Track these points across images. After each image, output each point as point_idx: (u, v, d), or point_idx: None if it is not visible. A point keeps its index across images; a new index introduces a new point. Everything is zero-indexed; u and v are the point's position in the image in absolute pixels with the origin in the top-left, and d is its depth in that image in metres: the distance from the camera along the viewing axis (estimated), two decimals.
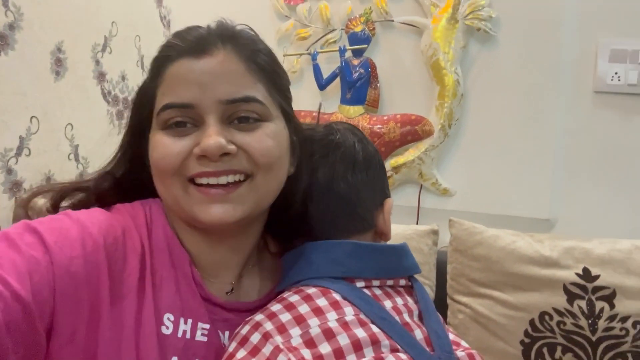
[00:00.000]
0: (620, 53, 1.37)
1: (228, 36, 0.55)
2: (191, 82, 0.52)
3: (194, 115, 0.53)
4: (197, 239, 0.58)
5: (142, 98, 0.58)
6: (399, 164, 1.43)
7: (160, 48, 0.57)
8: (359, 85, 1.48)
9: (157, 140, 0.54)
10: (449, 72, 1.40)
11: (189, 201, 0.53)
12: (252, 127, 0.54)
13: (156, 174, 0.55)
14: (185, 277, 0.56)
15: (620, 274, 1.11)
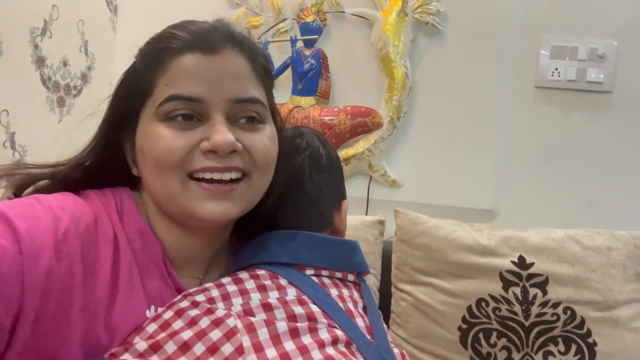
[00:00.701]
0: (561, 49, 1.42)
1: (233, 37, 0.56)
2: (201, 77, 0.53)
3: (199, 109, 0.53)
4: (174, 233, 0.58)
5: (134, 85, 0.56)
6: (349, 156, 1.44)
7: (161, 38, 0.56)
8: (311, 76, 1.48)
9: (157, 132, 0.53)
10: (398, 65, 1.42)
11: (187, 196, 0.53)
12: (255, 128, 0.56)
13: (154, 166, 0.54)
14: (158, 268, 0.56)
15: (552, 262, 1.16)
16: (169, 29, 0.57)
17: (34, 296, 0.46)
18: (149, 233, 0.57)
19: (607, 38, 1.40)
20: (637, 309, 1.13)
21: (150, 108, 0.55)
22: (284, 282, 0.56)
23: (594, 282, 1.14)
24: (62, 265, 0.48)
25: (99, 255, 0.52)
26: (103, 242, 0.53)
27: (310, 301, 0.54)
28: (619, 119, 1.39)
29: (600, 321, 1.11)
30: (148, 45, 0.57)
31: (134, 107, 0.56)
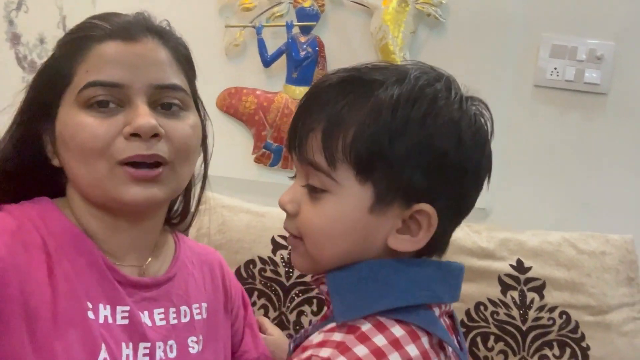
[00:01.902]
0: (561, 49, 1.41)
1: (153, 27, 0.58)
2: (122, 63, 0.54)
3: (120, 95, 0.54)
4: (105, 222, 0.58)
5: (53, 74, 0.56)
6: None
7: (81, 27, 0.57)
8: (306, 64, 1.42)
9: (79, 120, 0.54)
10: (398, 57, 1.38)
11: (114, 181, 0.54)
12: (176, 115, 0.57)
13: (78, 154, 0.54)
14: (94, 265, 0.56)
15: (550, 266, 1.17)
16: (90, 19, 0.58)
17: None
18: (78, 233, 0.57)
19: (606, 39, 1.40)
20: (627, 313, 1.15)
21: (70, 96, 0.55)
22: (427, 346, 0.44)
23: (588, 286, 1.15)
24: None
25: (30, 262, 0.52)
26: (32, 249, 0.53)
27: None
28: (613, 121, 1.40)
29: (594, 325, 1.13)
30: (68, 35, 0.59)
31: (53, 97, 0.56)
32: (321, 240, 0.49)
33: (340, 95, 0.48)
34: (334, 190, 0.48)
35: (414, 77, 0.48)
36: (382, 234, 0.48)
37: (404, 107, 0.46)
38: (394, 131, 0.45)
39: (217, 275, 0.72)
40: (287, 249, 1.19)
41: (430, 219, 0.47)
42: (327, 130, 0.47)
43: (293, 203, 0.51)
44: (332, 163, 0.47)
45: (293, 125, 0.51)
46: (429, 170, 0.47)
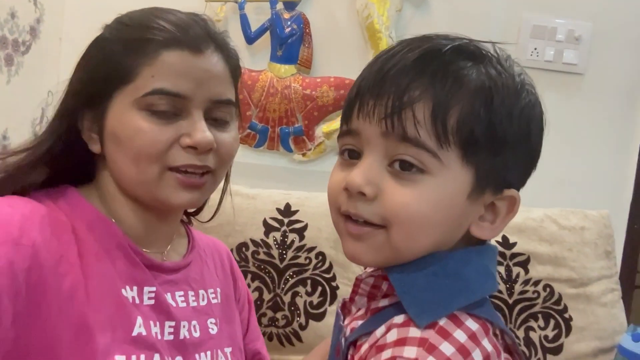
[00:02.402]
0: (540, 29, 1.44)
1: (215, 39, 0.59)
2: (188, 76, 0.55)
3: (181, 105, 0.56)
4: (137, 213, 0.60)
5: (111, 68, 0.56)
6: (332, 130, 1.39)
7: (145, 25, 0.56)
8: (291, 42, 1.39)
9: (138, 123, 0.55)
10: (384, 36, 1.37)
11: (162, 185, 0.56)
12: (224, 127, 0.59)
13: (133, 156, 0.55)
14: (122, 249, 0.57)
15: (533, 242, 1.21)
16: (153, 17, 0.57)
17: (2, 297, 0.47)
18: (104, 219, 0.58)
19: (584, 20, 1.43)
20: (606, 284, 1.22)
21: (129, 94, 0.55)
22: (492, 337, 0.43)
23: (570, 260, 1.21)
24: (24, 260, 0.49)
25: (62, 244, 0.53)
26: (62, 232, 0.54)
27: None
28: (590, 101, 1.45)
29: (575, 297, 1.19)
30: (128, 30, 0.57)
31: (106, 89, 0.56)
32: (417, 229, 0.43)
33: (441, 67, 0.43)
34: (436, 172, 0.42)
35: (503, 58, 0.47)
36: (468, 221, 0.45)
37: (513, 95, 0.44)
38: (505, 119, 0.43)
39: (225, 265, 0.74)
40: (279, 231, 1.18)
41: (514, 206, 0.46)
42: (439, 105, 0.42)
43: (372, 185, 0.43)
44: (443, 141, 0.42)
45: (374, 93, 0.43)
46: (523, 157, 0.46)
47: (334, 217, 0.48)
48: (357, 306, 0.50)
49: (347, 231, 0.46)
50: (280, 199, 1.22)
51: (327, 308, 1.16)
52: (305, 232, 1.18)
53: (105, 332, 0.52)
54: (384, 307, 0.45)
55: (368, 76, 0.45)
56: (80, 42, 0.61)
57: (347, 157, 0.47)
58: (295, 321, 1.15)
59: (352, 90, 0.47)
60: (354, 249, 0.46)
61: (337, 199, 0.46)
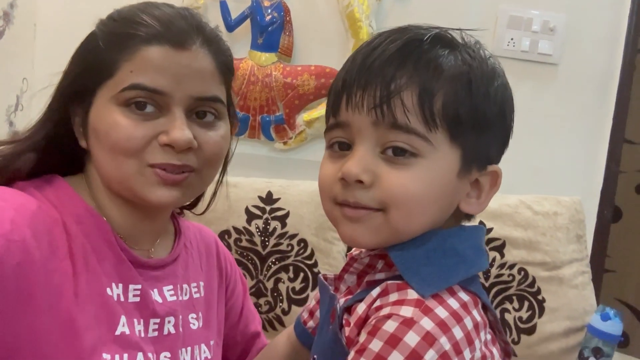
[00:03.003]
0: (517, 20, 1.47)
1: (203, 33, 0.56)
2: (168, 71, 0.54)
3: (160, 101, 0.54)
4: (123, 210, 0.59)
5: (95, 62, 0.56)
6: (313, 118, 1.40)
7: (129, 21, 0.55)
8: (272, 30, 1.39)
9: (116, 118, 0.54)
10: (364, 25, 1.38)
11: (141, 182, 0.55)
12: (210, 125, 0.57)
13: (109, 150, 0.55)
14: (109, 245, 0.57)
15: (509, 227, 1.25)
16: (138, 12, 0.56)
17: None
18: (93, 213, 0.57)
19: (558, 11, 1.47)
20: (577, 267, 1.27)
21: (109, 90, 0.55)
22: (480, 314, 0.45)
23: (543, 244, 1.25)
24: (14, 255, 0.48)
25: (52, 240, 0.52)
26: (53, 228, 0.53)
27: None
28: (563, 90, 1.49)
29: (548, 280, 1.23)
30: (113, 24, 0.57)
31: (91, 84, 0.56)
32: (415, 209, 0.45)
33: (423, 56, 0.45)
34: (427, 154, 0.44)
35: (474, 45, 0.49)
36: (458, 198, 0.47)
37: (488, 78, 0.47)
38: (484, 100, 0.46)
39: (212, 254, 0.73)
40: (262, 219, 1.19)
41: (497, 180, 0.49)
42: (425, 91, 0.44)
43: (368, 172, 0.45)
44: (431, 125, 0.44)
45: (361, 85, 0.45)
46: (501, 134, 0.49)
47: (328, 206, 0.49)
48: (347, 283, 0.51)
49: (344, 215, 0.47)
50: (262, 187, 1.23)
51: (309, 293, 1.18)
52: (287, 219, 1.20)
53: (91, 330, 0.52)
54: (380, 280, 0.47)
55: (352, 69, 0.47)
56: (55, 28, 0.60)
57: (337, 149, 0.48)
58: (278, 307, 1.17)
59: (337, 83, 0.48)
60: (352, 231, 0.47)
61: (331, 189, 0.47)
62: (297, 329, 0.64)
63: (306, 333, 0.63)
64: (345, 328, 0.47)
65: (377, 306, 0.44)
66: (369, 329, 0.42)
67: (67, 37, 1.37)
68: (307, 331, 0.63)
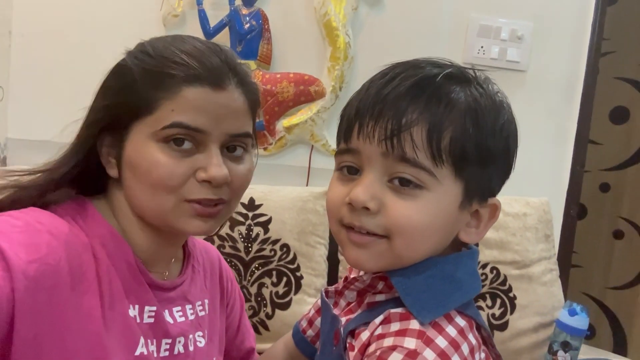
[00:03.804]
0: (486, 29, 1.53)
1: (237, 74, 0.59)
2: (208, 111, 0.56)
3: (198, 138, 0.57)
4: (147, 234, 0.61)
5: (132, 98, 0.57)
6: (292, 125, 1.43)
7: (169, 60, 0.57)
8: (250, 38, 1.41)
9: (157, 156, 0.56)
10: (341, 34, 1.41)
11: (178, 214, 0.58)
12: (239, 159, 0.61)
13: (150, 187, 0.57)
14: (130, 268, 0.59)
15: None
16: (176, 50, 0.58)
17: (26, 313, 0.48)
18: (117, 236, 0.59)
19: (526, 20, 1.54)
20: (545, 265, 1.33)
21: (147, 126, 0.57)
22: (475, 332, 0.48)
23: (514, 244, 1.31)
24: (48, 279, 0.50)
25: (82, 263, 0.54)
26: (83, 251, 0.55)
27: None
28: (531, 96, 1.56)
29: (519, 278, 1.30)
30: (152, 61, 0.58)
31: (127, 118, 0.58)
32: (418, 238, 0.47)
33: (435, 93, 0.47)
34: (432, 187, 0.46)
35: (483, 81, 0.50)
36: (458, 228, 0.50)
37: (494, 114, 0.49)
38: (489, 136, 0.48)
39: (215, 272, 0.75)
40: (244, 225, 1.22)
41: (496, 212, 0.51)
42: (434, 128, 0.46)
43: (375, 200, 0.47)
44: (438, 161, 0.46)
45: (374, 116, 0.47)
46: (503, 168, 0.51)
47: (335, 227, 0.52)
48: (347, 299, 0.54)
49: (351, 240, 0.49)
50: (244, 193, 1.25)
51: (292, 297, 1.21)
52: (269, 225, 1.23)
53: (117, 352, 0.54)
54: (380, 302, 0.51)
55: (366, 99, 0.49)
56: (31, 36, 0.60)
57: (346, 173, 0.51)
58: (262, 311, 1.20)
59: (350, 111, 0.50)
60: (357, 256, 0.49)
61: (339, 211, 0.50)
62: (296, 337, 0.67)
63: (305, 341, 0.66)
64: (349, 352, 0.49)
65: (379, 334, 0.46)
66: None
67: (42, 45, 1.37)
68: (306, 340, 0.66)
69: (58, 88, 1.37)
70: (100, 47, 1.49)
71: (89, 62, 1.50)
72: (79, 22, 1.39)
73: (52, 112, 1.31)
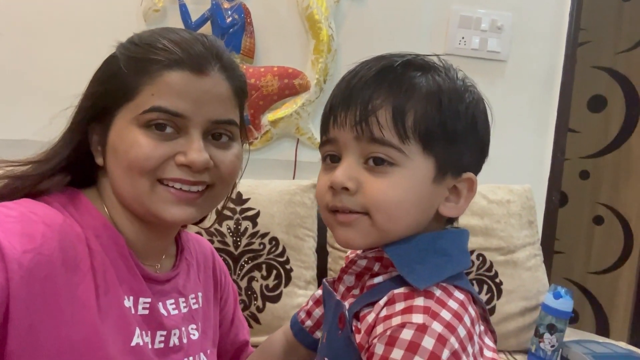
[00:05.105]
0: (467, 20, 1.55)
1: (221, 58, 0.59)
2: (188, 96, 0.56)
3: (179, 123, 0.57)
4: (136, 226, 0.61)
5: (116, 85, 0.57)
6: (277, 118, 1.43)
7: (151, 46, 0.57)
8: (233, 32, 1.40)
9: (136, 138, 0.56)
10: (324, 27, 1.42)
11: (154, 199, 0.57)
12: (224, 145, 0.60)
13: (125, 168, 0.56)
14: (124, 259, 0.59)
15: (467, 215, 1.32)
16: (159, 37, 0.58)
17: (20, 303, 0.48)
18: (110, 227, 0.59)
19: (505, 10, 1.56)
20: (530, 251, 1.36)
21: (129, 111, 0.57)
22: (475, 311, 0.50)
23: (499, 231, 1.34)
24: (42, 269, 0.50)
25: (77, 254, 0.54)
26: (77, 241, 0.55)
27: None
28: (511, 85, 1.59)
29: (504, 264, 1.32)
30: (135, 49, 0.58)
31: (112, 105, 0.58)
32: (396, 212, 0.50)
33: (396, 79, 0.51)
34: (404, 164, 0.50)
35: (446, 67, 0.54)
36: (437, 202, 0.53)
37: (458, 96, 0.52)
38: (453, 116, 0.51)
39: (209, 265, 0.76)
40: (232, 219, 1.21)
41: (473, 186, 0.54)
42: (397, 110, 0.50)
43: (352, 180, 0.51)
44: (404, 138, 0.50)
45: (345, 106, 0.51)
46: (474, 145, 0.54)
47: (324, 214, 0.55)
48: (345, 284, 0.56)
49: (337, 221, 0.53)
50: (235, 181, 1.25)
51: (283, 290, 1.22)
52: (257, 218, 1.23)
53: (113, 342, 0.54)
54: (378, 283, 0.53)
55: (337, 93, 0.53)
56: (9, 34, 0.60)
57: (329, 162, 0.54)
58: (252, 305, 1.20)
59: (327, 106, 0.55)
60: (345, 235, 0.53)
61: (324, 197, 0.53)
62: (294, 327, 0.68)
63: (304, 332, 0.68)
64: (355, 335, 0.51)
65: (385, 315, 0.48)
66: (385, 340, 0.46)
67: (21, 42, 1.35)
68: (305, 330, 0.67)
69: (35, 86, 1.35)
70: (80, 44, 1.47)
71: (68, 59, 1.48)
72: (58, 20, 1.37)
73: (29, 111, 1.29)
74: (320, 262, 1.31)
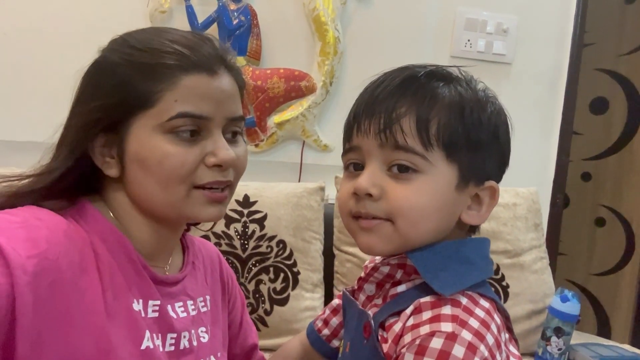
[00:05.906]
0: (473, 22, 1.55)
1: (225, 60, 0.60)
2: (209, 98, 0.57)
3: (203, 125, 0.58)
4: (148, 228, 0.62)
5: (130, 94, 0.56)
6: (283, 120, 1.43)
7: (160, 51, 0.57)
8: (239, 33, 1.40)
9: (165, 147, 0.56)
10: (330, 29, 1.41)
11: (190, 203, 0.58)
12: (238, 143, 0.63)
13: (162, 178, 0.57)
14: (131, 262, 0.59)
15: None
16: (163, 40, 0.57)
17: (27, 309, 0.47)
18: (116, 231, 0.59)
19: (510, 13, 1.56)
20: (536, 254, 1.36)
21: (150, 119, 0.56)
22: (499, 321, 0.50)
23: (505, 234, 1.34)
24: (48, 274, 0.49)
25: (82, 258, 0.54)
26: (83, 246, 0.55)
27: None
28: (517, 88, 1.59)
29: (511, 267, 1.32)
30: (141, 54, 0.57)
31: (124, 115, 0.57)
32: (418, 218, 0.51)
33: (419, 89, 0.52)
34: (427, 171, 0.51)
35: (467, 79, 0.56)
36: (459, 210, 0.53)
37: (480, 106, 0.54)
38: (476, 125, 0.52)
39: (216, 268, 0.76)
40: (240, 222, 1.21)
41: (495, 194, 0.55)
42: (421, 118, 0.51)
43: (376, 186, 0.51)
44: (428, 146, 0.50)
45: (369, 114, 0.52)
46: (496, 154, 0.55)
47: (345, 220, 0.55)
48: (366, 293, 0.56)
49: (360, 227, 0.53)
50: (238, 191, 1.21)
51: (290, 293, 1.21)
52: (265, 221, 1.22)
53: (122, 345, 0.54)
54: (402, 292, 0.53)
55: (361, 102, 0.54)
56: (13, 34, 0.57)
57: (352, 170, 0.55)
58: (260, 307, 1.19)
59: (350, 115, 0.55)
60: (368, 240, 0.53)
61: (347, 203, 0.54)
62: (311, 336, 0.69)
63: (320, 340, 0.68)
64: (382, 344, 0.51)
65: (412, 324, 0.48)
66: (415, 349, 0.46)
67: (26, 43, 1.34)
68: (322, 339, 0.68)
69: (41, 88, 1.34)
70: (86, 46, 1.46)
71: (74, 60, 1.47)
72: (64, 20, 1.36)
73: (36, 113, 1.28)
74: (327, 265, 1.31)
